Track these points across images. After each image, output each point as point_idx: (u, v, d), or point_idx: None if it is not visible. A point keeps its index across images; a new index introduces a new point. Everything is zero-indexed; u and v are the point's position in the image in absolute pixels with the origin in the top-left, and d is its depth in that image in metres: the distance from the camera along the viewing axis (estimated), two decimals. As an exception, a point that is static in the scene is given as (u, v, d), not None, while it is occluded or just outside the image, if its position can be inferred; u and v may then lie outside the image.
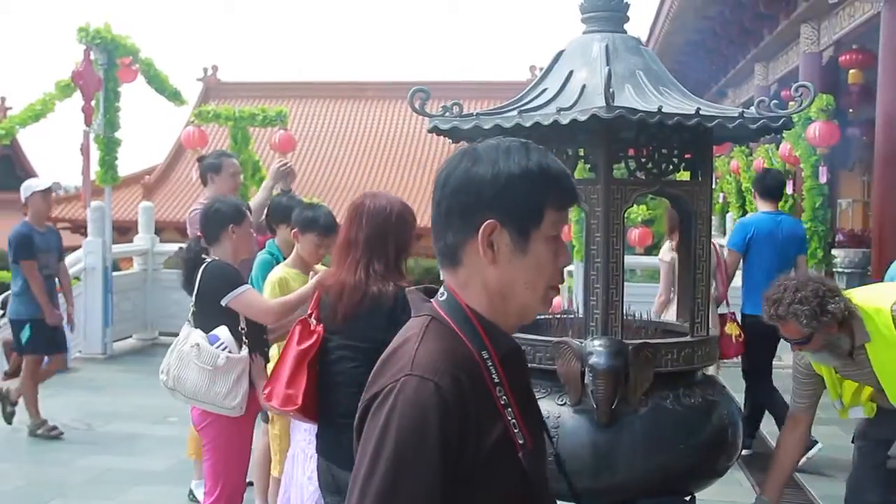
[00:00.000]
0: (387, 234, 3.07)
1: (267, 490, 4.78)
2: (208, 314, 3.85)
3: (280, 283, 4.23)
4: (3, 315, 9.98)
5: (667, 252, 6.24)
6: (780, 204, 6.99)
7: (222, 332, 3.78)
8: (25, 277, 6.73)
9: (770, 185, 6.45)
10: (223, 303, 3.82)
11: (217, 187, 5.52)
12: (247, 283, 4.05)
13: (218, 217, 3.99)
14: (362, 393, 1.50)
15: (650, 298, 6.24)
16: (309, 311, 3.23)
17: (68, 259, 11.03)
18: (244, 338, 3.86)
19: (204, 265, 3.90)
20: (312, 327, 3.13)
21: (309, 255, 4.32)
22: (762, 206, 6.38)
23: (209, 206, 4.11)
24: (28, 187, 6.99)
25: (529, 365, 3.28)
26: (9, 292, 10.19)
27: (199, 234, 4.10)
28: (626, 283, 3.30)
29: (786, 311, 3.23)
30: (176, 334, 3.90)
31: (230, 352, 3.75)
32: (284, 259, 4.54)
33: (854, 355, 3.38)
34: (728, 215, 15.34)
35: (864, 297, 3.39)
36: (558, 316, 3.77)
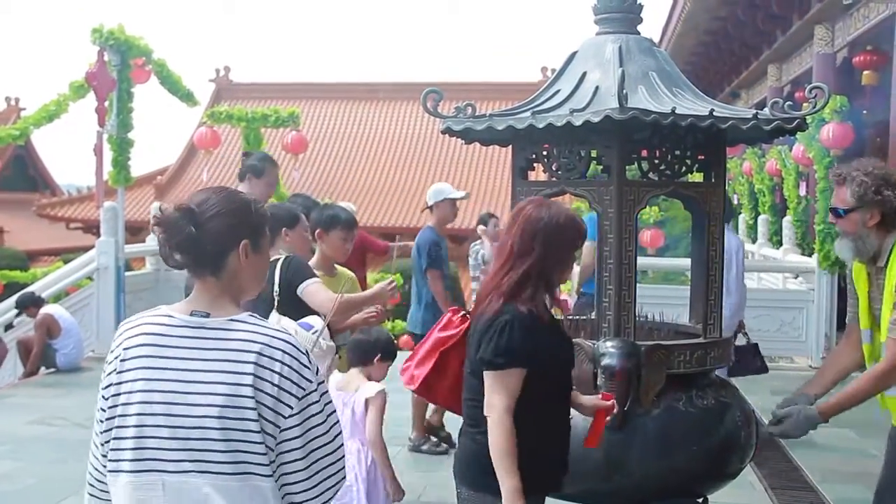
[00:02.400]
0: (534, 247, 2.72)
1: None
2: (289, 305, 3.97)
3: None
4: (19, 314, 10.04)
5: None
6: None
7: (314, 320, 3.87)
8: (432, 288, 6.23)
9: None
10: (298, 292, 3.94)
11: (251, 188, 5.51)
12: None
13: (272, 221, 4.15)
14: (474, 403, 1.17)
15: (663, 300, 6.22)
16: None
17: (79, 259, 11.14)
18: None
19: (282, 259, 3.99)
20: (458, 320, 2.94)
21: (335, 252, 4.41)
22: None
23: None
24: (440, 192, 6.41)
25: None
26: (23, 292, 10.27)
27: None
28: (637, 285, 3.30)
29: (847, 173, 3.17)
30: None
31: (324, 339, 3.82)
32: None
33: (876, 273, 3.26)
34: (741, 217, 15.28)
35: None
36: (570, 317, 3.76)
